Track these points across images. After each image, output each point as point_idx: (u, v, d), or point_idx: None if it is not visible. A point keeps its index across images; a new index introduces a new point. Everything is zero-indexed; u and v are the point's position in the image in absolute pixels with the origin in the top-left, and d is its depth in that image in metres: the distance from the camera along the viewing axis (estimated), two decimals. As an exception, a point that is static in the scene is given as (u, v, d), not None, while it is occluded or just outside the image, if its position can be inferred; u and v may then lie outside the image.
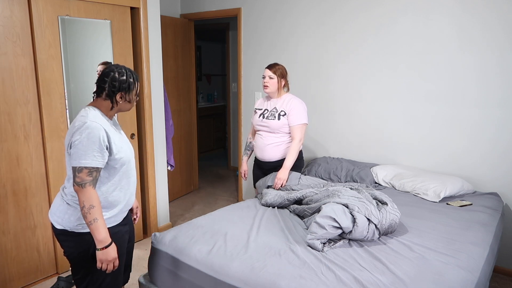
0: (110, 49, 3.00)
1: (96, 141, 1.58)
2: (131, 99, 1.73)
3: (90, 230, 1.60)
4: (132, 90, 1.71)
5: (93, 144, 1.57)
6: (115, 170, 1.69)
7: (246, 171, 3.12)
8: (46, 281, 2.80)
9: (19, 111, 2.55)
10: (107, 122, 1.68)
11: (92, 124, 1.59)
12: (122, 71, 1.68)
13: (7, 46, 2.45)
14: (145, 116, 3.33)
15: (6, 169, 2.53)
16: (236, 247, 1.97)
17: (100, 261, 1.63)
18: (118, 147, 1.67)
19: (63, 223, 1.69)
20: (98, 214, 1.58)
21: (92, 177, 1.58)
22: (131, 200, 1.82)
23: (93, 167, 1.58)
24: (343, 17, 3.42)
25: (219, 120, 6.93)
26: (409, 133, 3.21)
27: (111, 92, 1.67)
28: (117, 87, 1.66)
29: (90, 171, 1.58)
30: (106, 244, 1.62)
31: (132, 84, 1.69)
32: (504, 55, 2.74)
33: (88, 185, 1.57)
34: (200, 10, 4.44)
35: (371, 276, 1.68)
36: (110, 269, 1.66)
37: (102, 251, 1.61)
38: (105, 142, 1.61)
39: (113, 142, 1.65)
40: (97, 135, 1.58)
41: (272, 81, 2.78)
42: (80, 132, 1.57)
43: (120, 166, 1.70)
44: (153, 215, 3.53)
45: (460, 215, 2.42)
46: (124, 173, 1.73)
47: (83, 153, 1.56)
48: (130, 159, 1.76)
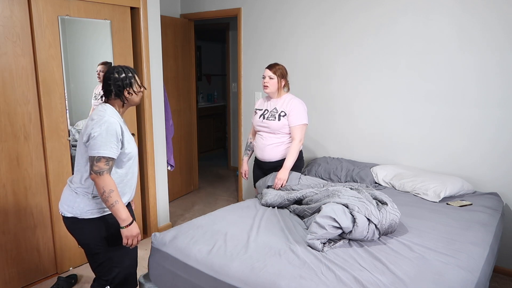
0: (110, 49, 3.00)
1: (114, 134, 1.76)
2: (137, 91, 1.90)
3: (113, 212, 1.76)
4: (134, 83, 1.88)
5: (111, 137, 1.75)
6: (122, 163, 1.86)
7: (247, 171, 3.12)
8: (46, 281, 2.80)
9: (19, 111, 2.55)
10: (120, 119, 1.86)
11: (110, 119, 1.77)
12: (120, 69, 1.85)
13: (7, 46, 2.45)
14: (145, 116, 3.33)
15: (6, 169, 2.53)
16: (236, 247, 1.97)
17: (126, 237, 1.79)
18: (127, 143, 1.85)
19: (73, 211, 1.83)
20: (118, 196, 1.75)
21: (109, 166, 1.75)
22: (134, 193, 2.00)
23: (110, 157, 1.75)
24: (343, 17, 3.42)
25: (219, 120, 6.93)
26: (409, 133, 3.21)
27: (118, 91, 1.85)
28: (121, 85, 1.84)
29: (107, 160, 1.75)
30: (129, 222, 1.78)
31: (131, 78, 1.87)
32: (504, 55, 2.74)
33: (106, 172, 1.74)
34: (200, 10, 4.44)
35: (371, 276, 1.68)
36: (135, 244, 1.83)
37: (127, 228, 1.78)
38: (120, 136, 1.79)
39: (125, 137, 1.83)
40: (114, 129, 1.76)
41: (272, 81, 2.78)
42: (100, 125, 1.75)
43: (127, 160, 1.87)
44: (153, 215, 3.53)
45: (460, 215, 2.42)
46: (129, 167, 1.91)
47: (102, 144, 1.73)
48: (136, 155, 1.94)
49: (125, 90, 1.85)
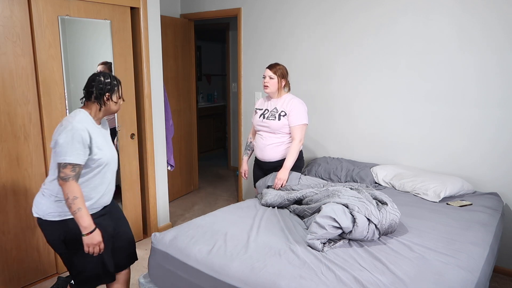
0: (110, 49, 3.00)
1: (80, 141, 1.77)
2: (116, 100, 1.94)
3: (75, 218, 1.78)
4: (116, 92, 1.92)
5: (77, 143, 1.76)
6: (90, 169, 1.87)
7: (247, 171, 3.12)
8: (46, 281, 2.80)
9: (19, 111, 2.55)
10: (93, 125, 1.87)
11: (77, 125, 1.78)
12: (107, 75, 1.91)
13: (7, 46, 2.45)
14: (145, 116, 3.33)
15: (6, 169, 2.53)
16: (236, 247, 1.97)
17: (86, 245, 1.81)
18: (98, 149, 1.86)
19: (38, 211, 1.88)
20: (81, 204, 1.77)
21: (75, 172, 1.77)
22: (102, 200, 1.96)
23: (76, 163, 1.77)
24: (343, 17, 3.42)
25: (219, 120, 6.93)
26: (409, 133, 3.21)
27: (99, 94, 1.87)
28: (103, 88, 1.87)
29: (74, 166, 1.76)
30: (91, 230, 1.79)
31: (115, 85, 1.92)
32: (504, 55, 2.74)
33: (71, 179, 1.76)
34: (200, 10, 4.44)
35: (371, 276, 1.68)
36: (97, 252, 1.84)
37: (88, 236, 1.79)
38: (87, 142, 1.80)
39: (95, 143, 1.84)
40: (80, 135, 1.77)
41: (272, 81, 2.78)
42: (66, 132, 1.76)
43: (96, 166, 1.87)
44: (153, 215, 3.53)
45: (460, 215, 2.42)
46: (98, 174, 1.90)
47: (68, 150, 1.75)
48: (109, 163, 1.93)
49: (106, 94, 1.88)
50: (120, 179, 3.21)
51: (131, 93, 3.20)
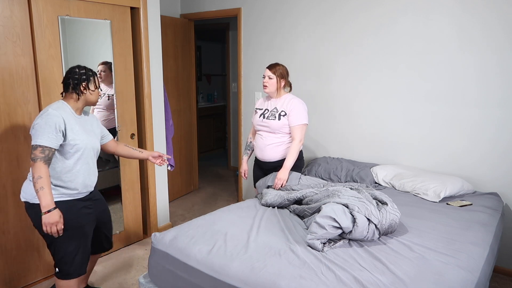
0: (110, 49, 3.00)
1: (52, 125, 1.89)
2: (94, 89, 2.08)
3: (38, 197, 1.88)
4: (92, 81, 2.07)
5: (49, 128, 1.89)
6: (68, 154, 2.01)
7: (246, 171, 3.12)
8: (46, 281, 2.80)
9: (19, 111, 2.55)
10: (70, 114, 2.01)
11: (52, 112, 1.92)
12: (81, 67, 2.07)
13: (7, 46, 2.45)
14: (145, 116, 3.33)
15: (6, 169, 2.53)
16: (236, 247, 1.97)
17: (44, 224, 1.90)
18: (74, 135, 1.99)
19: (25, 195, 2.02)
20: (44, 184, 1.86)
21: (44, 155, 1.88)
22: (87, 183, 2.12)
23: (46, 146, 1.88)
24: (343, 17, 3.42)
25: (219, 120, 6.93)
26: (409, 133, 3.21)
27: (75, 84, 2.02)
28: (78, 79, 2.02)
29: (43, 149, 1.88)
30: (49, 209, 1.88)
31: (90, 76, 2.06)
32: (504, 55, 2.74)
33: (39, 160, 1.87)
34: (200, 10, 4.44)
35: (371, 276, 1.68)
36: (54, 232, 1.92)
37: (45, 214, 1.88)
38: (61, 128, 1.92)
39: (70, 129, 1.97)
40: (53, 121, 1.90)
41: (271, 81, 2.78)
42: (41, 117, 1.91)
43: (74, 151, 2.01)
44: (153, 215, 3.53)
45: (460, 215, 2.42)
46: (79, 159, 2.05)
47: (39, 134, 1.88)
48: (87, 149, 2.07)
49: (82, 84, 2.02)
50: (120, 179, 3.22)
51: (131, 93, 3.20)
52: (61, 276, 2.10)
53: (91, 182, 2.15)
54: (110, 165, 3.15)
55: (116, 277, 2.87)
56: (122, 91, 3.12)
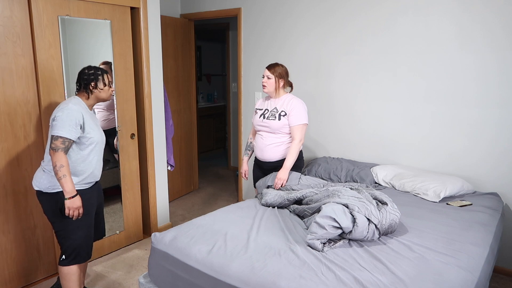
0: (110, 49, 3.00)
1: (73, 119, 2.05)
2: (102, 88, 2.21)
3: (60, 184, 2.03)
4: (100, 80, 2.19)
5: (70, 121, 2.04)
6: (84, 146, 2.16)
7: (247, 171, 3.12)
8: (46, 281, 2.80)
9: (19, 111, 2.55)
10: (86, 109, 2.18)
11: (72, 107, 2.08)
12: (91, 68, 2.20)
13: (7, 46, 2.45)
14: (145, 116, 3.33)
15: (6, 169, 2.53)
16: (236, 247, 1.97)
17: (68, 208, 2.06)
18: (90, 129, 2.15)
19: (39, 185, 2.15)
20: (66, 171, 2.02)
21: (65, 146, 2.03)
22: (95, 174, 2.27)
23: (66, 138, 2.03)
24: (343, 17, 3.42)
25: (219, 120, 6.93)
26: (409, 133, 3.21)
27: (85, 84, 2.18)
28: (88, 79, 2.17)
29: (64, 140, 2.03)
30: (73, 195, 2.05)
31: (99, 75, 2.19)
32: (504, 55, 2.74)
33: (61, 150, 2.02)
34: (200, 10, 4.44)
35: (371, 276, 1.68)
36: (76, 215, 2.09)
37: (69, 200, 2.05)
38: (80, 121, 2.08)
39: (87, 124, 2.14)
40: (74, 115, 2.06)
41: (270, 81, 2.78)
42: (63, 110, 2.05)
43: (89, 143, 2.17)
44: (153, 215, 3.53)
45: (460, 215, 2.42)
46: (92, 150, 2.20)
47: (61, 126, 2.02)
48: (99, 141, 2.24)
49: (90, 84, 2.16)
50: (120, 179, 3.22)
51: (131, 93, 3.20)
52: (67, 263, 2.22)
53: (98, 172, 2.31)
54: (110, 165, 3.15)
55: (116, 277, 2.87)
56: (122, 91, 3.12)
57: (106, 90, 2.23)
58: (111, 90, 2.26)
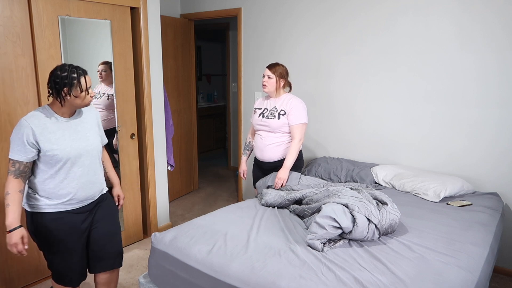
0: (110, 49, 3.00)
1: (20, 137, 1.73)
2: (78, 94, 1.79)
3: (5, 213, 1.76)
4: (76, 85, 1.77)
5: (17, 140, 1.74)
6: (50, 165, 1.82)
7: (246, 171, 3.12)
8: (46, 281, 2.80)
9: (19, 111, 2.55)
10: (49, 121, 1.79)
11: (22, 122, 1.75)
12: (65, 68, 1.77)
13: (7, 46, 2.45)
14: (145, 116, 3.33)
15: (6, 169, 2.53)
16: (236, 247, 1.97)
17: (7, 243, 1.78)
18: (53, 145, 1.78)
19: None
20: (10, 200, 1.75)
21: (15, 168, 1.76)
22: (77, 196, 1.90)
23: (15, 160, 1.75)
24: (343, 17, 3.42)
25: (219, 120, 6.93)
26: (409, 133, 3.21)
27: (56, 90, 1.76)
28: (59, 83, 1.75)
29: (14, 162, 1.76)
30: (9, 229, 1.75)
31: (74, 79, 1.76)
32: (504, 55, 2.74)
33: (10, 174, 1.76)
34: (200, 10, 4.44)
35: (371, 276, 1.68)
36: (14, 252, 1.79)
37: (8, 234, 1.76)
38: (30, 139, 1.74)
39: (47, 140, 1.77)
40: (21, 133, 1.73)
41: (271, 80, 2.78)
42: (15, 127, 1.76)
43: (55, 162, 1.81)
44: (153, 215, 3.53)
45: (460, 215, 2.42)
46: (61, 169, 1.83)
47: (11, 146, 1.75)
48: (72, 157, 1.84)
49: (63, 89, 1.75)
50: (120, 179, 3.22)
51: (131, 93, 3.20)
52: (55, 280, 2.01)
53: (85, 193, 1.92)
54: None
55: (116, 277, 2.87)
56: (122, 91, 3.12)
57: (83, 96, 1.80)
58: (89, 96, 1.84)
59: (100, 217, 2.04)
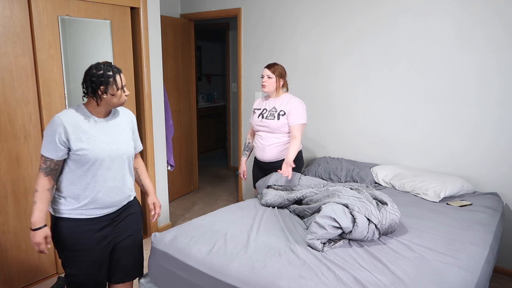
0: (110, 49, 3.00)
1: (52, 135, 1.70)
2: (114, 92, 1.75)
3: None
4: (112, 83, 1.73)
5: (49, 137, 1.70)
6: (79, 164, 1.76)
7: (245, 172, 3.12)
8: (46, 281, 2.80)
9: (19, 111, 2.55)
10: (83, 120, 1.75)
11: (55, 119, 1.70)
12: (100, 66, 1.73)
13: (7, 46, 2.45)
14: (145, 116, 3.33)
15: (6, 169, 2.53)
16: (236, 247, 1.97)
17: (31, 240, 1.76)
18: (84, 144, 1.72)
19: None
20: (38, 198, 1.73)
21: (46, 166, 1.73)
22: (102, 200, 1.80)
23: (47, 157, 1.72)
24: (343, 17, 3.42)
25: (219, 120, 6.93)
26: (409, 133, 3.21)
27: (93, 88, 1.73)
28: (96, 82, 1.71)
29: (45, 160, 1.72)
30: (36, 227, 1.73)
31: (110, 77, 1.72)
32: (504, 55, 2.74)
33: (41, 171, 1.73)
34: (200, 10, 4.44)
35: (371, 276, 1.68)
36: (37, 251, 1.77)
37: (32, 232, 1.74)
38: (61, 138, 1.70)
39: (78, 139, 1.72)
40: (53, 130, 1.69)
41: (271, 80, 2.78)
42: (48, 124, 1.72)
43: (84, 162, 1.74)
44: (153, 215, 3.53)
45: (460, 215, 2.42)
46: (89, 170, 1.76)
47: (44, 143, 1.72)
48: (101, 159, 1.76)
49: (100, 88, 1.71)
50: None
51: (131, 93, 3.20)
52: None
53: (110, 199, 1.82)
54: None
55: (116, 277, 2.86)
56: (122, 91, 3.12)
57: (119, 95, 1.76)
58: (125, 95, 1.79)
59: (125, 226, 1.94)
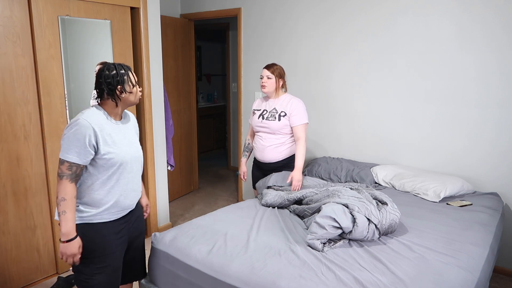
0: (110, 49, 3.00)
1: (81, 139, 1.62)
2: (131, 90, 1.75)
3: (59, 221, 1.65)
4: (127, 81, 1.73)
5: (77, 141, 1.62)
6: (103, 169, 1.71)
7: (245, 173, 3.11)
8: (46, 281, 2.80)
9: (19, 111, 2.55)
10: (107, 122, 1.71)
11: (82, 122, 1.63)
12: (111, 66, 1.72)
13: (7, 46, 2.45)
14: (145, 116, 3.33)
15: (6, 169, 2.53)
16: (236, 247, 1.97)
17: (61, 253, 1.67)
18: (110, 147, 1.69)
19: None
20: (67, 207, 1.63)
21: (71, 172, 1.63)
22: (122, 203, 1.79)
23: (73, 163, 1.63)
24: (343, 17, 3.42)
25: (219, 120, 6.93)
26: (409, 133, 3.21)
27: (110, 90, 1.70)
28: (112, 82, 1.70)
29: (71, 165, 1.63)
30: (69, 238, 1.65)
31: (124, 75, 1.72)
32: (504, 55, 2.74)
33: (66, 178, 1.63)
34: (200, 10, 4.44)
35: (371, 276, 1.68)
36: (70, 263, 1.69)
37: (64, 244, 1.65)
38: (91, 141, 1.64)
39: (105, 142, 1.68)
40: (82, 133, 1.62)
41: (270, 81, 2.78)
42: (71, 127, 1.63)
43: (109, 166, 1.71)
44: (153, 215, 3.53)
45: (460, 215, 2.42)
46: (114, 174, 1.73)
47: (67, 147, 1.62)
48: (124, 162, 1.75)
49: (117, 88, 1.70)
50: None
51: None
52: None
53: (129, 201, 1.81)
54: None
55: (116, 277, 2.86)
56: (122, 91, 3.12)
57: (135, 91, 1.76)
58: (139, 91, 1.80)
59: (136, 227, 1.93)
